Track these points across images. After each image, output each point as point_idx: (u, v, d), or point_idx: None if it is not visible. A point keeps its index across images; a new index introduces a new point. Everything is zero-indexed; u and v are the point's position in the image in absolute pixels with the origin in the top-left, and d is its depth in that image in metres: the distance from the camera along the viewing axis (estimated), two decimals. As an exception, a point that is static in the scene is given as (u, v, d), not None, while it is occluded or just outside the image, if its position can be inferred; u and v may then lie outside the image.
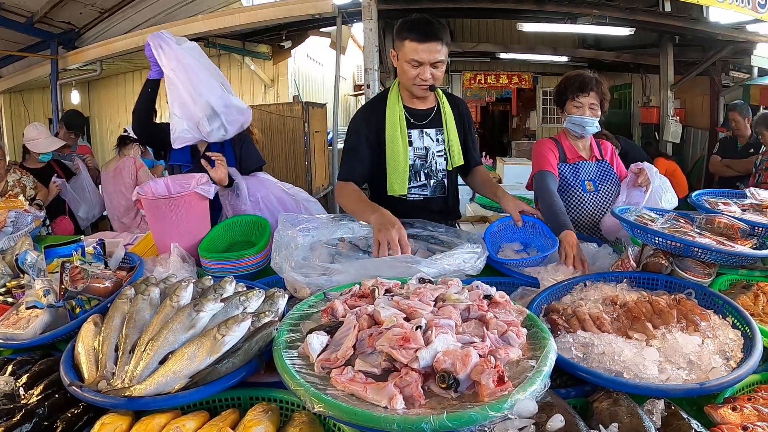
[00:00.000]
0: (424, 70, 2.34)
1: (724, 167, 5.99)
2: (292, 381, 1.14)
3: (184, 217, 2.33)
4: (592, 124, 2.70)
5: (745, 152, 5.82)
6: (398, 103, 2.50)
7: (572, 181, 2.76)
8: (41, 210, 3.38)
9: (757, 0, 6.33)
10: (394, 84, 2.56)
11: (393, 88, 2.55)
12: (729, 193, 2.50)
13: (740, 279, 1.96)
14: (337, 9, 6.88)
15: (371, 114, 2.54)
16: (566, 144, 2.84)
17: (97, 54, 8.32)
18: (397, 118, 2.48)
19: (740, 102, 6.45)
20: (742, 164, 5.76)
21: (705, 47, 8.92)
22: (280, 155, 7.92)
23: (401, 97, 2.53)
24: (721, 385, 1.25)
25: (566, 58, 11.64)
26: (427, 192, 2.60)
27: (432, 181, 2.60)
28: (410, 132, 2.53)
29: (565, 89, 2.77)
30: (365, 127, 2.51)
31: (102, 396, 1.25)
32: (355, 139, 2.52)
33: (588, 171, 2.80)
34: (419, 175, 2.58)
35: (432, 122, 2.58)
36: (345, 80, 15.58)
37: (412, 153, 2.54)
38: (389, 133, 2.48)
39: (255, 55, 9.96)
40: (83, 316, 1.61)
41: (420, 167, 2.56)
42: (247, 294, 1.55)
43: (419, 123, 2.55)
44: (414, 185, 2.58)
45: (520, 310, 1.45)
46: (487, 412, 1.00)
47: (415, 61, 2.32)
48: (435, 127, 2.58)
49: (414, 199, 2.58)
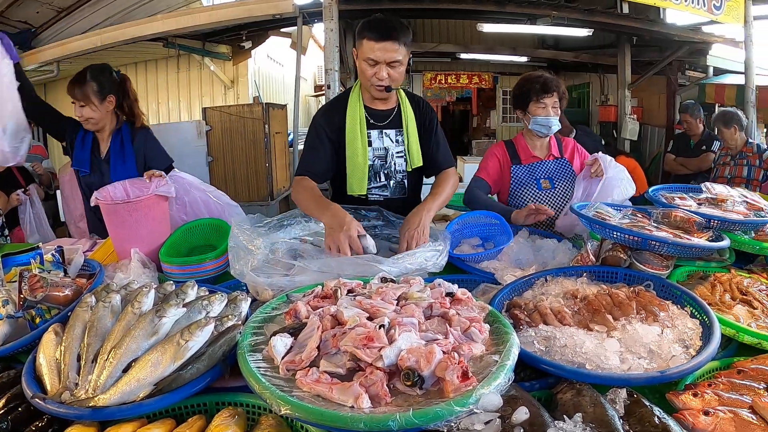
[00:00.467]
0: (380, 70, 2.32)
1: (678, 165, 6.24)
2: (258, 384, 1.13)
3: (143, 221, 2.28)
4: (555, 124, 2.78)
5: (698, 150, 6.07)
6: (359, 102, 2.49)
7: (527, 180, 2.83)
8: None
9: (713, 2, 6.54)
10: (356, 84, 2.55)
11: (355, 88, 2.54)
12: (685, 188, 2.57)
13: (697, 270, 2.02)
14: (298, 9, 6.84)
15: (332, 113, 2.53)
16: (521, 145, 2.90)
17: (54, 54, 8.07)
18: (357, 118, 2.47)
19: (691, 102, 6.69)
20: (695, 163, 6.04)
21: (662, 47, 9.19)
22: (240, 157, 7.84)
23: (362, 97, 2.51)
24: (681, 373, 1.28)
25: (526, 59, 11.86)
26: (387, 192, 2.60)
27: (392, 182, 2.60)
28: (370, 132, 2.52)
29: (528, 91, 2.82)
30: (326, 125, 2.49)
31: (66, 407, 1.22)
32: (315, 136, 2.50)
33: (544, 169, 2.87)
34: (379, 175, 2.57)
35: (392, 123, 2.56)
36: (305, 81, 15.54)
37: (371, 153, 2.53)
38: (349, 132, 2.47)
39: (215, 56, 9.83)
40: (44, 326, 1.56)
41: (380, 168, 2.56)
42: (210, 298, 1.53)
43: (379, 123, 2.54)
44: (374, 185, 2.57)
45: (482, 307, 1.47)
46: (452, 407, 1.01)
47: (371, 59, 2.31)
48: (395, 128, 2.56)
49: (374, 199, 2.58)
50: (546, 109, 2.77)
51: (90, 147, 2.91)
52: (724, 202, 2.27)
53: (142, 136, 2.94)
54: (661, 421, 1.10)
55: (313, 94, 16.65)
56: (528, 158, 2.88)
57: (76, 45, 7.79)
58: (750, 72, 7.00)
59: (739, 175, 5.05)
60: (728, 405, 1.19)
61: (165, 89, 10.64)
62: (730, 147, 5.23)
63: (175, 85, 10.55)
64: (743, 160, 5.11)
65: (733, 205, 2.26)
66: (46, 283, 1.73)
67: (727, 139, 5.22)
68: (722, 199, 2.30)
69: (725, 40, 7.96)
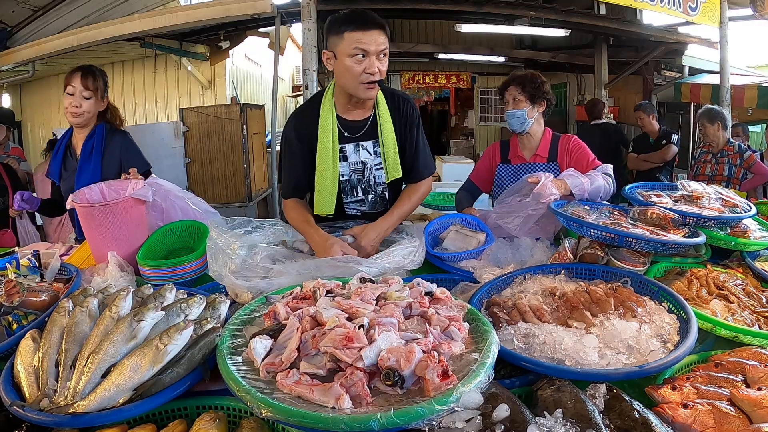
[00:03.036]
0: (371, 62, 2.11)
1: (641, 162, 6.38)
2: (238, 387, 1.12)
3: (120, 224, 2.25)
4: (518, 116, 2.79)
5: (658, 145, 6.24)
6: (332, 113, 2.31)
7: (509, 182, 2.84)
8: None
9: (688, 3, 6.62)
10: (327, 91, 2.35)
11: (327, 95, 2.34)
12: (661, 185, 2.60)
13: (674, 266, 2.05)
14: (276, 9, 6.79)
15: (303, 122, 2.37)
16: (513, 144, 2.93)
17: (30, 54, 7.90)
18: (330, 133, 2.31)
19: (645, 102, 6.92)
20: (657, 155, 6.22)
21: (638, 48, 9.31)
22: (218, 158, 7.78)
23: (335, 106, 2.33)
24: (659, 367, 1.30)
25: (503, 59, 11.97)
26: (365, 207, 2.50)
27: (370, 196, 2.49)
28: (344, 147, 2.38)
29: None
30: (296, 139, 2.36)
31: (45, 415, 1.20)
32: (289, 152, 2.40)
33: (527, 173, 2.76)
34: (356, 190, 2.46)
35: (367, 134, 2.38)
36: (283, 81, 15.44)
37: (347, 168, 2.40)
38: (320, 149, 2.32)
39: (192, 56, 9.71)
40: (20, 332, 1.53)
41: (357, 182, 2.44)
42: (188, 301, 1.51)
43: (353, 136, 2.37)
44: (351, 200, 2.48)
45: (461, 305, 1.47)
46: (433, 406, 1.01)
47: (361, 49, 2.08)
48: (371, 138, 2.39)
49: (352, 213, 2.50)
50: (508, 104, 2.82)
51: (62, 156, 2.91)
52: (699, 199, 2.31)
53: (119, 140, 2.91)
54: (640, 415, 1.12)
55: (291, 94, 16.55)
56: (515, 158, 2.90)
57: (52, 45, 7.64)
58: (725, 72, 7.11)
59: (720, 173, 5.16)
60: (707, 398, 1.22)
61: (142, 90, 10.50)
62: (712, 144, 5.31)
63: (152, 86, 10.43)
64: (724, 159, 5.21)
65: (709, 201, 2.29)
66: (23, 288, 1.70)
67: (710, 135, 5.30)
68: (698, 196, 2.33)
69: (701, 41, 8.06)
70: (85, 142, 2.85)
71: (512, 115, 2.80)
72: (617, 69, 9.71)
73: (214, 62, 10.01)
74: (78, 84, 2.74)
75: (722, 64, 7.15)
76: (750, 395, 1.18)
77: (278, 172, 2.59)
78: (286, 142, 2.41)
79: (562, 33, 8.60)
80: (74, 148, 2.92)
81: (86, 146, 2.84)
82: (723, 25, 7.05)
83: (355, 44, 2.09)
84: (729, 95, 7.08)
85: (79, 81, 2.74)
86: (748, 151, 5.21)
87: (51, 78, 10.44)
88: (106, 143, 2.87)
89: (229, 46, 9.68)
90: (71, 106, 2.77)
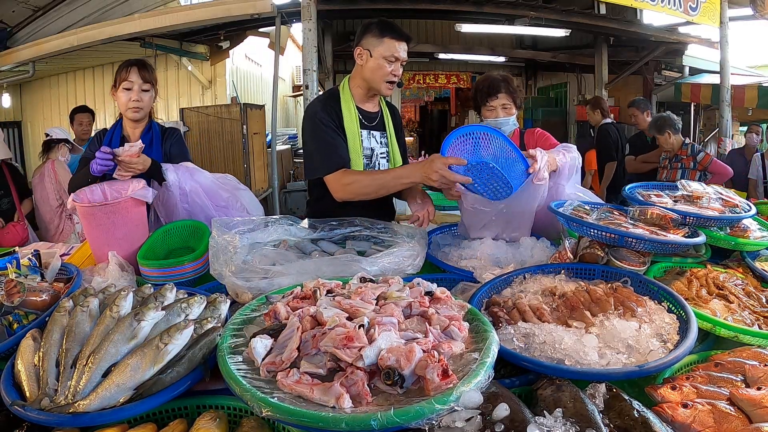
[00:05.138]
0: (398, 67, 2.49)
1: (640, 164, 6.11)
2: (238, 386, 1.12)
3: (121, 223, 2.25)
4: (506, 123, 2.82)
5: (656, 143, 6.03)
6: (351, 102, 2.58)
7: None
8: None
9: (689, 3, 6.62)
10: (344, 84, 2.62)
11: (344, 87, 2.61)
12: (661, 185, 2.60)
13: (674, 266, 2.05)
14: (277, 9, 6.79)
15: (329, 109, 2.55)
16: None
17: (30, 54, 7.90)
18: (353, 117, 2.56)
19: (639, 98, 6.79)
20: (656, 154, 5.87)
21: (638, 48, 9.33)
22: (219, 158, 7.79)
23: (353, 97, 2.59)
24: (659, 367, 1.30)
25: (504, 58, 11.97)
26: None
27: None
28: (362, 132, 2.60)
29: (475, 97, 2.90)
30: (332, 120, 2.53)
31: (46, 414, 1.20)
32: (324, 129, 2.51)
33: None
34: None
35: (378, 125, 2.68)
36: (284, 81, 15.40)
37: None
38: (349, 129, 2.55)
39: (192, 56, 9.70)
40: (21, 332, 1.53)
41: (365, 168, 2.59)
42: (189, 301, 1.52)
43: (368, 124, 2.64)
44: None
45: (461, 305, 1.47)
46: (433, 405, 1.01)
47: (394, 57, 2.46)
48: (380, 130, 2.69)
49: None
50: (495, 111, 2.83)
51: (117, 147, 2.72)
52: (699, 199, 2.31)
53: (171, 135, 2.86)
54: (640, 415, 1.12)
55: (292, 94, 16.53)
56: None
57: (52, 45, 7.64)
58: (725, 72, 7.12)
59: (674, 179, 4.91)
60: (706, 397, 1.22)
61: (142, 89, 10.49)
62: (667, 151, 5.35)
63: (152, 85, 10.42)
64: (678, 164, 5.23)
65: (709, 201, 2.29)
66: (23, 288, 1.70)
67: (662, 145, 5.35)
68: (698, 196, 2.33)
69: (701, 41, 8.08)
70: (142, 137, 2.74)
71: (506, 122, 2.82)
72: (617, 69, 9.72)
73: (214, 62, 10.01)
74: (136, 78, 2.66)
75: (722, 64, 7.16)
76: (750, 395, 1.19)
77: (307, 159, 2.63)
78: (319, 122, 2.52)
79: (563, 33, 8.61)
80: (130, 141, 2.76)
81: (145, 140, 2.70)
82: (723, 25, 7.06)
83: (392, 50, 2.46)
84: (729, 95, 7.10)
85: (137, 75, 2.66)
86: (702, 153, 5.19)
87: (51, 78, 10.45)
88: (163, 139, 2.82)
89: (230, 46, 9.68)
90: (132, 102, 2.67)
